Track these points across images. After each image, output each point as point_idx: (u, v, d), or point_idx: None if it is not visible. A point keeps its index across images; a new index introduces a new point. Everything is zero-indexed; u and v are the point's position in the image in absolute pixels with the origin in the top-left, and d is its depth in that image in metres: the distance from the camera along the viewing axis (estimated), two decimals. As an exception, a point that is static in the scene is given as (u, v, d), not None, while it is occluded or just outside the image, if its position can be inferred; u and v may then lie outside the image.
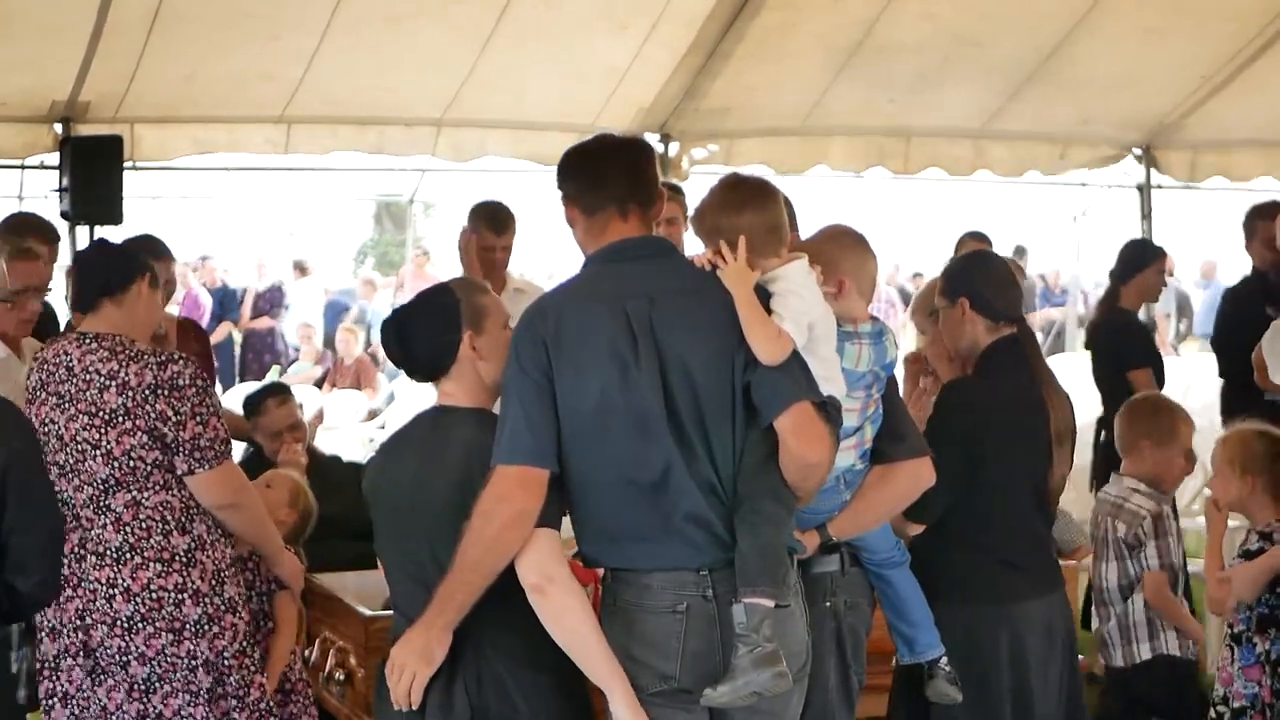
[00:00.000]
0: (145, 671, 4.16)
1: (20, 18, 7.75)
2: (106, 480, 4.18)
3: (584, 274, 3.66)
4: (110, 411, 4.16)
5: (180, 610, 4.17)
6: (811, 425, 3.50)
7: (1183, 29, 9.30)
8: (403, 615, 3.63)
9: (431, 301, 3.75)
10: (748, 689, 3.38)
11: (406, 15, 8.41)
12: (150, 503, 4.20)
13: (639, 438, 3.46)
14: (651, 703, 3.48)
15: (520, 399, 3.48)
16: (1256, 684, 4.67)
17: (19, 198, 9.41)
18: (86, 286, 4.36)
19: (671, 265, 3.64)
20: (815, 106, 9.77)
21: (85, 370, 4.20)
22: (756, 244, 3.60)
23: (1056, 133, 10.45)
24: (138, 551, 4.18)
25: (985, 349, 4.44)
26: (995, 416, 4.37)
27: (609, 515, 3.51)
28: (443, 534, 3.48)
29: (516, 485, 3.44)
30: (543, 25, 8.64)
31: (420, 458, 3.64)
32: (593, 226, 3.64)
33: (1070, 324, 17.04)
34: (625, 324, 3.48)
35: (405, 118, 9.36)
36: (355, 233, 30.78)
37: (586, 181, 3.65)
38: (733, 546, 3.47)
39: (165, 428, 4.17)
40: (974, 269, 4.57)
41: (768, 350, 3.48)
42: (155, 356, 4.24)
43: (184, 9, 7.90)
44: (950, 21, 9.06)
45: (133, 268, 4.38)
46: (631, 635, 3.49)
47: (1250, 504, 4.79)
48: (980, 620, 4.32)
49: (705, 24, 8.88)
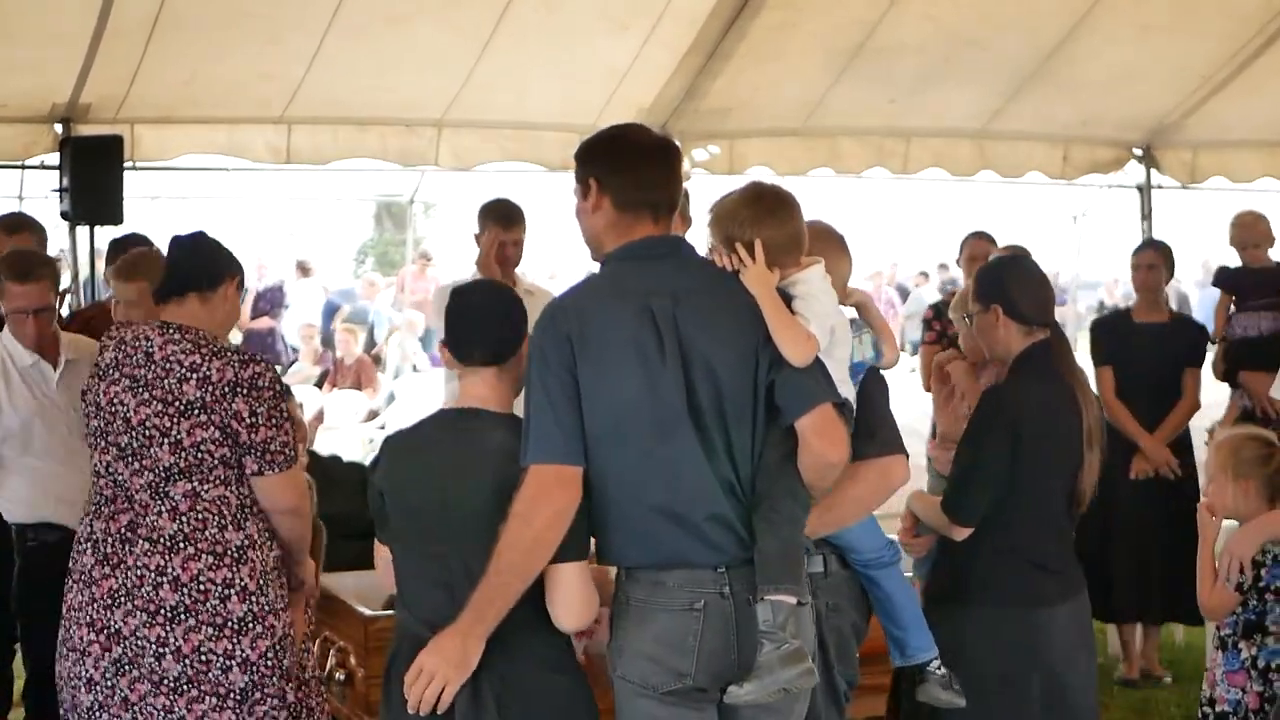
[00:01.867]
0: (178, 669, 4.15)
1: (21, 21, 7.75)
2: (170, 469, 4.17)
3: (606, 272, 3.66)
4: (186, 403, 4.17)
5: (225, 606, 4.17)
6: (833, 426, 3.54)
7: (1183, 28, 9.30)
8: (417, 618, 3.60)
9: (509, 292, 3.77)
10: (775, 686, 3.39)
11: (407, 16, 8.41)
12: (209, 495, 4.20)
13: (662, 435, 3.46)
14: (664, 701, 3.49)
15: (548, 397, 3.46)
16: (1240, 690, 4.67)
17: (19, 198, 9.42)
18: (176, 277, 4.37)
19: (693, 264, 3.66)
20: (816, 107, 9.77)
21: (166, 359, 4.20)
22: (777, 256, 3.62)
23: (1057, 133, 10.46)
24: (191, 542, 4.17)
25: (1020, 354, 4.48)
26: (1032, 419, 4.40)
27: (629, 513, 3.50)
28: (477, 540, 3.45)
29: (553, 484, 3.43)
30: (543, 26, 8.64)
31: (449, 460, 3.59)
32: (622, 222, 3.61)
33: (1070, 324, 17.07)
34: (650, 322, 3.48)
35: (406, 118, 9.37)
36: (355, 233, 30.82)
37: (631, 178, 3.61)
38: (750, 545, 3.48)
39: (239, 426, 4.18)
40: (1007, 275, 4.59)
41: (797, 352, 3.51)
42: (238, 355, 4.27)
43: (184, 12, 7.90)
44: (951, 22, 9.06)
45: (224, 268, 4.40)
46: (645, 633, 3.49)
47: (1245, 508, 4.79)
48: (1011, 623, 4.34)
49: (706, 24, 8.88)
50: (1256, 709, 4.64)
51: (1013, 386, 4.47)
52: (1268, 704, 4.63)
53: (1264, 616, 4.67)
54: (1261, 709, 4.64)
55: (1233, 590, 4.66)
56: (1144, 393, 7.20)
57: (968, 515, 4.31)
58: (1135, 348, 7.31)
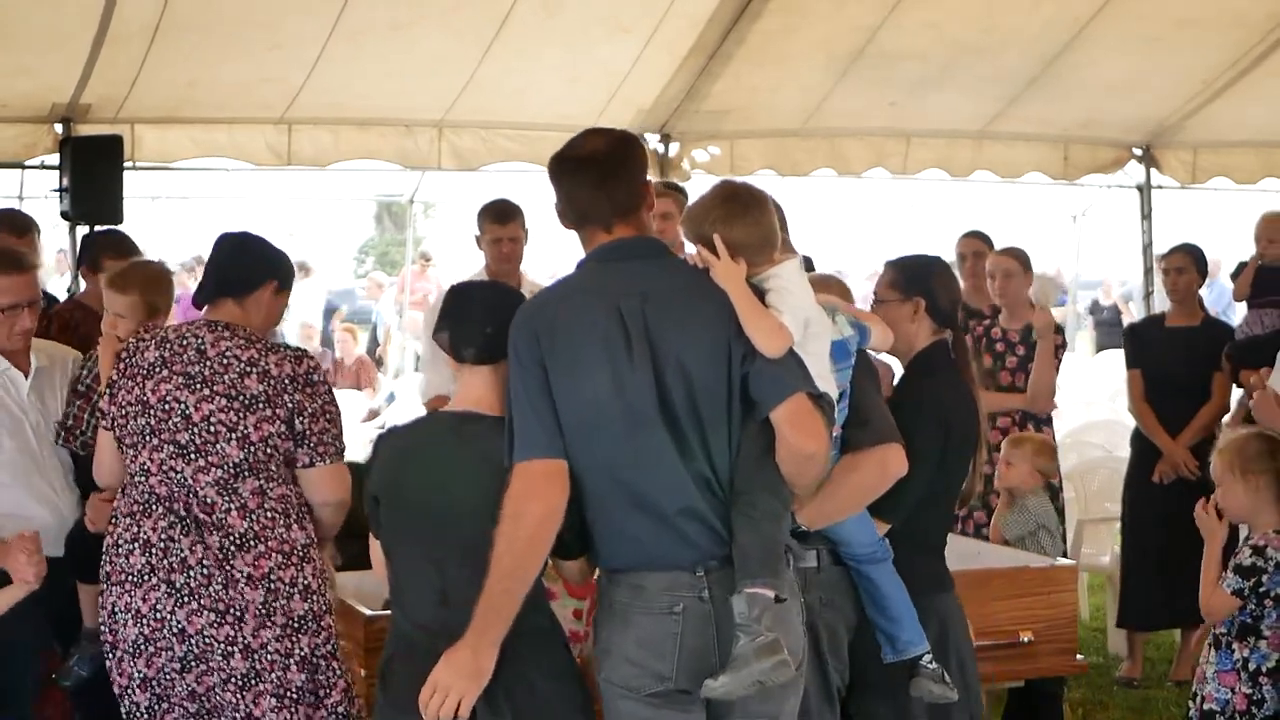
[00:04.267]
0: (245, 666, 4.17)
1: (23, 22, 7.76)
2: (239, 465, 4.19)
3: (578, 273, 3.68)
4: (251, 397, 4.19)
5: (290, 604, 4.20)
6: (808, 417, 3.52)
7: (1185, 37, 9.31)
8: (411, 622, 3.61)
9: (513, 294, 3.77)
10: (750, 678, 3.38)
11: (410, 22, 8.42)
12: (274, 494, 4.23)
13: (632, 434, 3.47)
14: (648, 704, 3.49)
15: (526, 395, 3.48)
16: (1230, 690, 4.70)
17: (19, 198, 9.42)
18: (211, 280, 4.39)
19: (665, 264, 3.66)
20: (816, 109, 9.78)
21: (221, 355, 4.23)
22: (750, 255, 3.62)
23: (1057, 134, 10.46)
24: (261, 540, 4.20)
25: (926, 350, 4.45)
26: (957, 414, 4.41)
27: (604, 512, 3.52)
28: (473, 545, 3.45)
29: (541, 480, 3.45)
30: (545, 29, 8.65)
31: (446, 465, 3.59)
32: (582, 237, 3.68)
33: (1070, 324, 17.05)
34: (619, 321, 3.49)
35: (406, 120, 9.37)
36: (355, 233, 30.82)
37: (566, 201, 3.66)
38: (728, 544, 3.48)
39: (300, 420, 4.23)
40: (934, 272, 4.56)
41: (769, 342, 3.51)
42: (290, 350, 4.32)
43: (186, 18, 7.91)
44: (952, 30, 9.07)
45: (260, 272, 4.40)
46: (627, 636, 3.50)
47: (1257, 505, 4.80)
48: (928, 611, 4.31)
49: (706, 27, 8.89)
50: (1244, 710, 4.66)
51: (938, 385, 4.43)
52: (1255, 707, 4.65)
53: (1260, 620, 4.69)
54: (1249, 711, 4.65)
55: (1229, 593, 4.68)
56: (1174, 396, 7.25)
57: (894, 515, 4.19)
58: (1165, 351, 7.37)
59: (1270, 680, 4.65)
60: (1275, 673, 4.66)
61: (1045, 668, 5.30)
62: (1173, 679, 7.26)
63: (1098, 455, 9.31)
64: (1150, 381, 7.39)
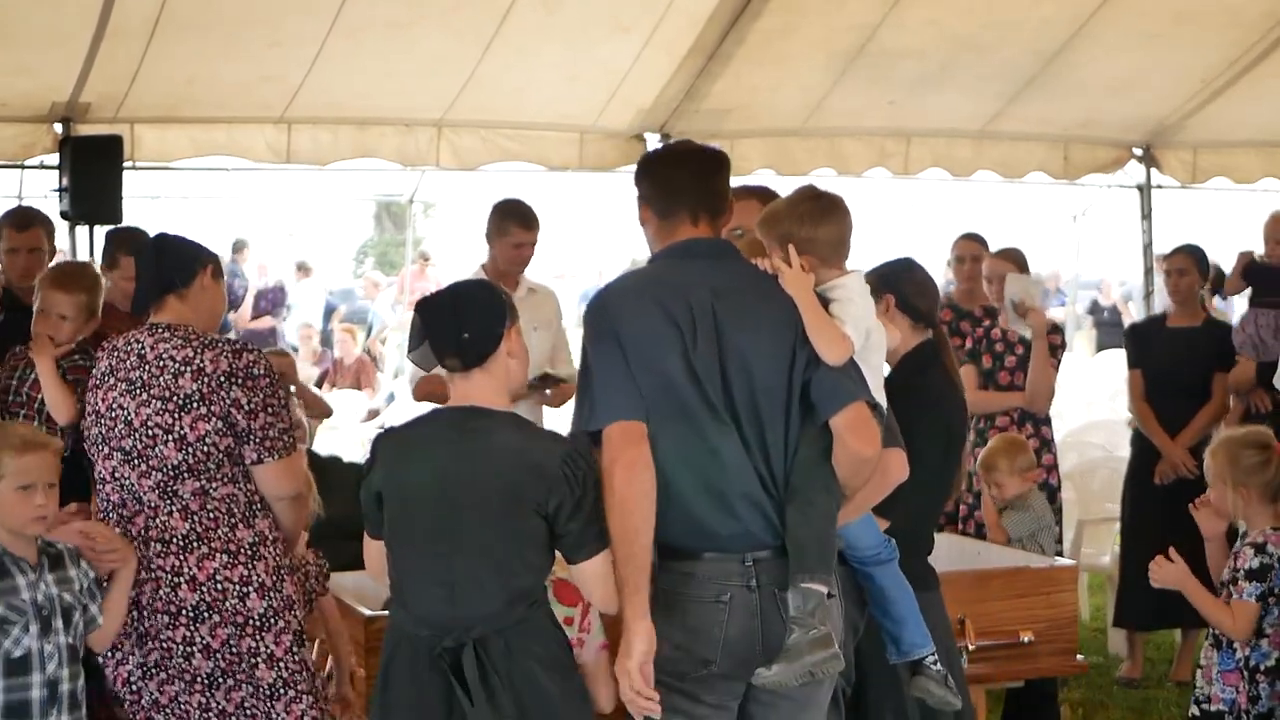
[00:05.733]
0: (210, 665, 4.16)
1: (22, 21, 7.75)
2: (178, 467, 4.17)
3: (651, 267, 3.82)
4: (185, 397, 4.17)
5: (244, 604, 4.18)
6: (867, 423, 3.68)
7: (1185, 35, 9.30)
8: (415, 616, 3.59)
9: (483, 289, 3.74)
10: (804, 669, 3.52)
11: (409, 21, 8.42)
12: (218, 494, 4.21)
13: (701, 419, 3.57)
14: (686, 688, 3.58)
15: (601, 367, 3.59)
16: (1234, 689, 4.70)
17: (19, 198, 9.41)
18: (149, 285, 4.37)
19: (735, 265, 3.78)
20: (816, 108, 9.77)
21: (159, 357, 4.21)
22: (826, 255, 3.79)
23: (1057, 133, 10.46)
24: (205, 541, 4.18)
25: (913, 350, 4.49)
26: (954, 413, 4.47)
27: (667, 490, 3.57)
28: (481, 538, 3.47)
29: (622, 440, 3.52)
30: (544, 29, 8.64)
31: (455, 458, 3.57)
32: (664, 228, 3.79)
33: (1070, 324, 17.03)
34: (688, 312, 3.59)
35: (406, 119, 9.37)
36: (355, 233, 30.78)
37: (661, 186, 3.80)
38: (779, 536, 3.59)
39: (238, 415, 4.19)
40: (901, 271, 4.61)
41: (833, 351, 3.64)
42: (229, 345, 4.28)
43: (185, 13, 7.90)
44: (952, 27, 9.06)
45: (194, 262, 4.39)
46: (673, 622, 3.57)
47: (1248, 513, 4.82)
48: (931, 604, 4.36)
49: (706, 26, 8.88)
50: (1247, 709, 4.66)
51: (931, 382, 4.46)
52: (1251, 704, 4.66)
53: (1263, 619, 4.67)
54: (1250, 708, 4.65)
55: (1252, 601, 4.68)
56: (1175, 396, 7.26)
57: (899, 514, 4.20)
58: (1167, 351, 7.37)
59: (1267, 679, 4.65)
60: (1274, 671, 4.65)
61: (1045, 668, 5.30)
62: (1173, 679, 7.26)
63: (1098, 455, 9.32)
64: (1151, 382, 7.40)
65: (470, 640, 3.49)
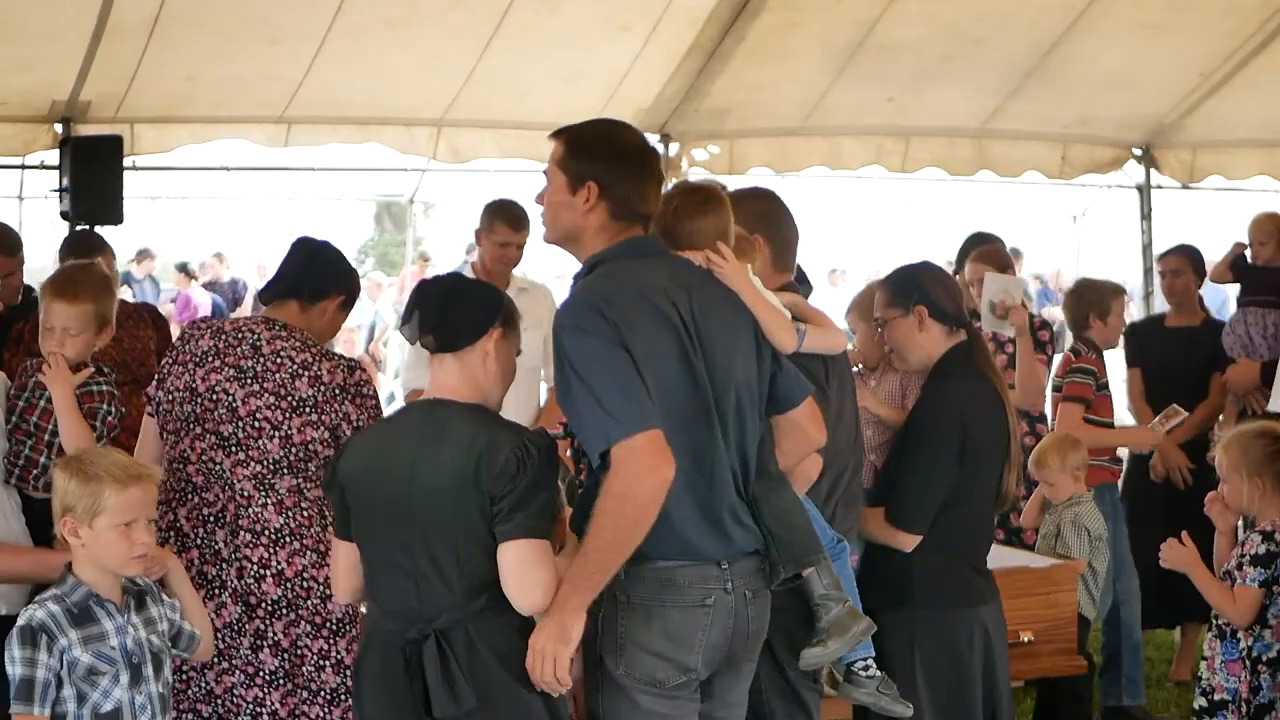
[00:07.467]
0: (274, 663, 4.14)
1: (21, 19, 7.75)
2: (278, 462, 4.18)
3: (616, 268, 3.58)
4: (299, 399, 4.19)
5: (325, 605, 4.17)
6: (818, 412, 3.74)
7: (1181, 26, 9.29)
8: (384, 610, 3.58)
9: (488, 289, 3.76)
10: (853, 639, 3.73)
11: (407, 20, 8.42)
12: (312, 495, 4.22)
13: (695, 424, 3.51)
14: (668, 696, 3.53)
15: (614, 376, 3.40)
16: (1237, 679, 4.70)
17: (19, 197, 9.42)
18: (283, 280, 4.40)
19: (686, 262, 3.70)
20: (815, 107, 9.77)
21: (275, 353, 4.22)
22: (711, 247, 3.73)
23: (1056, 133, 10.45)
24: (297, 537, 4.18)
25: (945, 355, 4.44)
26: (977, 419, 4.38)
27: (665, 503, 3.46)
28: (441, 527, 3.46)
29: (649, 453, 3.36)
30: (543, 28, 8.65)
31: (414, 448, 3.55)
32: (611, 226, 3.60)
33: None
34: (678, 315, 3.53)
35: (406, 118, 9.37)
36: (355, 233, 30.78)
37: (636, 191, 3.61)
38: (752, 540, 3.57)
39: (346, 429, 4.21)
40: (925, 277, 4.53)
41: (786, 339, 3.66)
42: (344, 360, 4.30)
43: (184, 13, 7.91)
44: (949, 19, 9.07)
45: (331, 284, 4.40)
46: (652, 630, 3.51)
47: (1261, 505, 4.81)
48: (955, 623, 4.33)
49: (705, 25, 8.89)
50: (1247, 698, 4.67)
51: (954, 387, 4.41)
52: (1253, 694, 4.66)
53: (1266, 610, 4.68)
54: (1252, 698, 4.66)
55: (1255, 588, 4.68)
56: (1174, 395, 7.22)
57: (919, 524, 4.23)
58: (1165, 351, 7.36)
59: (1269, 670, 4.65)
60: (1276, 663, 4.65)
61: (1045, 668, 5.29)
62: (1173, 679, 7.25)
63: (1097, 454, 9.29)
64: (1150, 381, 7.39)
65: (433, 631, 3.47)
